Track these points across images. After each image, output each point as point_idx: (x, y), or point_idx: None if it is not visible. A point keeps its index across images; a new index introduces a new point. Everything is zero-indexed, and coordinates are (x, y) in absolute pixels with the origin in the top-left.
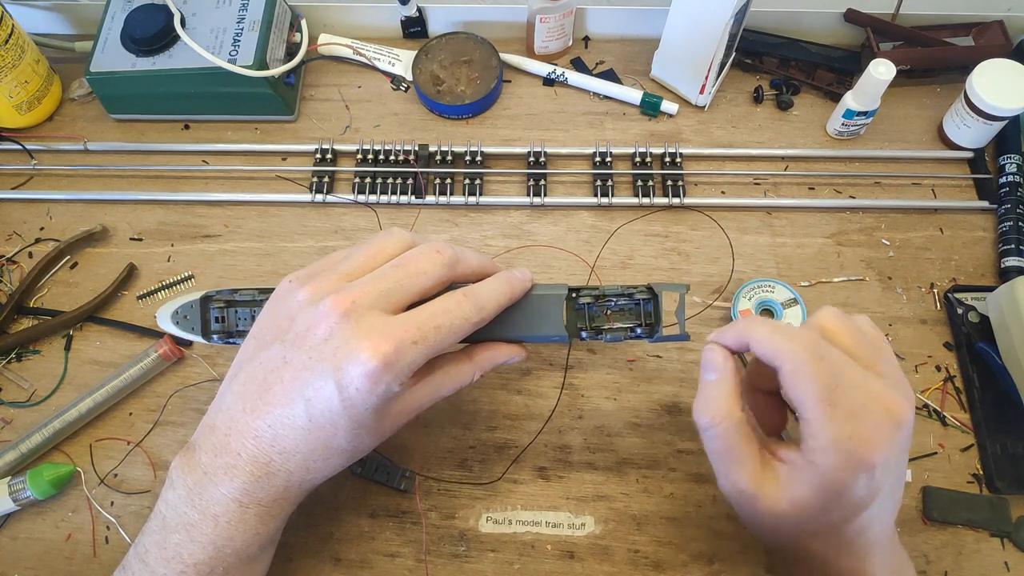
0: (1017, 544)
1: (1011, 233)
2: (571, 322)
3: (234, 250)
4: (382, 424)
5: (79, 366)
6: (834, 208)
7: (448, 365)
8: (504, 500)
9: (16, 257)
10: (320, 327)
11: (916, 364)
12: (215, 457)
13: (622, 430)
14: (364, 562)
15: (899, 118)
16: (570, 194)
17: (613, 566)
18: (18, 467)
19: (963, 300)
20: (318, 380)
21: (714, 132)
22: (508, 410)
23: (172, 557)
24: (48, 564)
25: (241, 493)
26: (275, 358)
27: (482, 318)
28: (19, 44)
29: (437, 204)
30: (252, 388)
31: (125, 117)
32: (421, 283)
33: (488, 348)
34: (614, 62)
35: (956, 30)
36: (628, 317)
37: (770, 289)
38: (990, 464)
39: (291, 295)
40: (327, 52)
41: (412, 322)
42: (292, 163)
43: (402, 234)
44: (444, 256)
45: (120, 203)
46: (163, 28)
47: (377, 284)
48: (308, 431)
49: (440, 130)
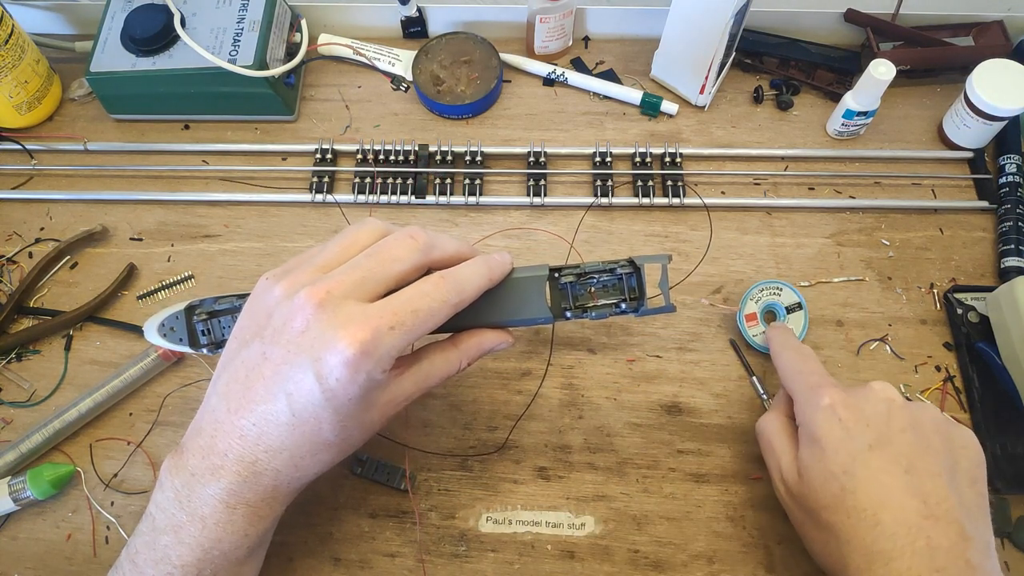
0: (1017, 544)
1: (1011, 233)
2: (555, 302)
3: (234, 250)
4: (369, 415)
5: (79, 366)
6: (834, 208)
7: (434, 354)
8: (504, 500)
9: (16, 257)
10: (296, 320)
11: (916, 364)
12: (202, 459)
13: (622, 430)
14: (364, 562)
15: (899, 118)
16: (570, 194)
17: (613, 566)
18: (18, 467)
19: (963, 300)
20: (298, 373)
21: (714, 132)
22: (508, 410)
23: (161, 559)
24: (48, 564)
25: (228, 494)
26: (255, 355)
27: (461, 300)
28: (19, 44)
29: (437, 204)
30: (235, 387)
31: (125, 117)
32: (396, 270)
33: (474, 335)
34: (614, 62)
35: (956, 30)
36: (612, 293)
37: (777, 292)
38: (990, 464)
39: (268, 292)
40: (327, 52)
41: (388, 308)
42: (292, 163)
43: (375, 223)
44: (418, 242)
45: (120, 203)
46: (163, 28)
47: (351, 274)
48: (292, 426)
49: (440, 130)
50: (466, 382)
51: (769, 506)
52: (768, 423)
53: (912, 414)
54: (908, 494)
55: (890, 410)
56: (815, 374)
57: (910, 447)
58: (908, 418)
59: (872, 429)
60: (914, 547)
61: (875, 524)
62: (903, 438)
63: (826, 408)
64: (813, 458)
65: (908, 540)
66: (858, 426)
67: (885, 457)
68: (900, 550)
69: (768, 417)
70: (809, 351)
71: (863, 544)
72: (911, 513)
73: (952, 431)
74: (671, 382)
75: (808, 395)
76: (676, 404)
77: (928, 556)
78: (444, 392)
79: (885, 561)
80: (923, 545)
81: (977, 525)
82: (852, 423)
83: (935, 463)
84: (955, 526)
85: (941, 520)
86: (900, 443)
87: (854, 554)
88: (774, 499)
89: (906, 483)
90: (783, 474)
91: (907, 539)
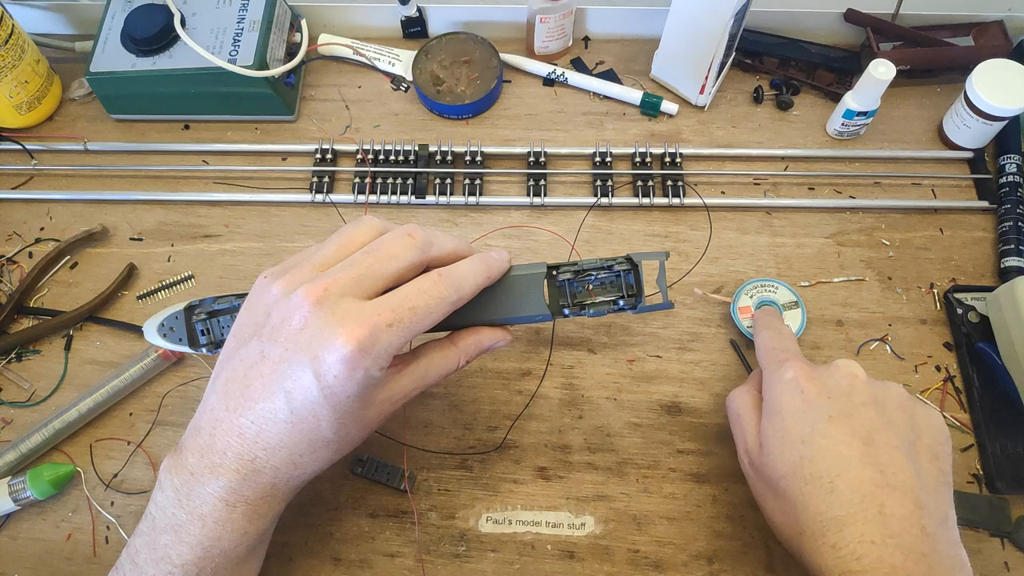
0: (1017, 544)
1: (1011, 233)
2: (553, 300)
3: (234, 250)
4: (367, 412)
5: (79, 366)
6: (834, 208)
7: (432, 352)
8: (504, 500)
9: (16, 257)
10: (294, 318)
11: (916, 364)
12: (201, 457)
13: (622, 430)
14: (364, 562)
15: (899, 118)
16: (570, 194)
17: (613, 566)
18: (18, 467)
19: (963, 300)
20: (296, 371)
21: (714, 132)
22: (508, 410)
23: (161, 558)
24: (48, 564)
25: (227, 492)
26: (253, 353)
27: (459, 297)
28: (19, 44)
29: (437, 204)
30: (234, 386)
31: (125, 117)
32: (394, 267)
33: (472, 333)
34: (614, 62)
35: (956, 30)
36: (610, 291)
37: (772, 290)
38: (990, 464)
39: (266, 290)
40: (327, 52)
41: (386, 305)
42: (292, 163)
43: (373, 221)
44: (416, 239)
45: (120, 203)
46: (163, 28)
47: (349, 271)
48: (291, 424)
49: (440, 130)
50: (466, 382)
51: None
52: (737, 396)
53: (875, 390)
54: (865, 464)
55: (852, 384)
56: (785, 351)
57: (870, 421)
58: (870, 393)
59: (833, 401)
60: (867, 514)
61: (831, 491)
62: (864, 412)
63: (790, 380)
64: (773, 427)
65: (862, 507)
66: (819, 398)
67: (844, 428)
68: (853, 516)
69: (738, 391)
70: (788, 331)
71: (818, 511)
72: (866, 482)
73: (916, 408)
74: (671, 382)
75: (774, 368)
76: (676, 404)
77: (881, 523)
78: (444, 392)
79: (839, 527)
80: (876, 512)
81: (933, 497)
82: (814, 395)
83: (894, 437)
84: (910, 495)
85: (896, 490)
86: (860, 416)
87: (810, 521)
88: None
89: (863, 453)
90: (747, 445)
91: (861, 506)
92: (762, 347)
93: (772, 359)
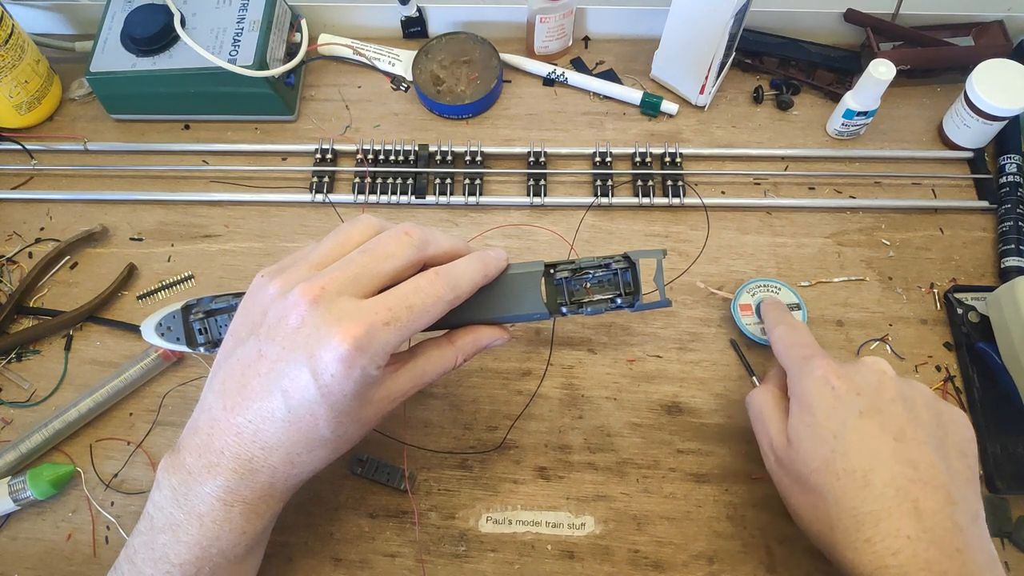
0: (1017, 544)
1: (1011, 233)
2: (551, 298)
3: (234, 250)
4: (364, 411)
5: (79, 366)
6: (834, 208)
7: (430, 350)
8: (504, 500)
9: (16, 257)
10: (291, 317)
11: (916, 364)
12: (199, 457)
13: (622, 430)
14: (364, 562)
15: (899, 118)
16: (570, 194)
17: (613, 566)
18: (18, 467)
19: (963, 300)
20: (293, 370)
21: (714, 132)
22: (508, 410)
23: (159, 558)
24: (48, 564)
25: (225, 491)
26: (251, 352)
27: (456, 296)
28: (19, 44)
29: (437, 204)
30: (231, 385)
31: (125, 117)
32: (391, 266)
33: (470, 332)
34: (614, 62)
35: (956, 30)
36: (608, 289)
37: (775, 290)
38: (990, 464)
39: (263, 289)
40: (327, 52)
41: (383, 304)
42: (292, 163)
43: (370, 220)
44: (413, 238)
45: (120, 203)
46: (163, 28)
47: (346, 270)
48: (288, 423)
49: (440, 130)
50: (466, 382)
51: (770, 506)
52: (758, 395)
53: (902, 388)
54: (897, 459)
55: (881, 381)
56: (808, 347)
57: (899, 417)
58: (898, 390)
59: (863, 397)
60: (901, 509)
61: (865, 485)
62: (893, 408)
63: (819, 377)
64: (804, 423)
65: (896, 502)
66: (849, 394)
67: (875, 424)
68: (888, 511)
69: (759, 390)
70: (803, 325)
71: (852, 505)
72: (900, 477)
73: (942, 407)
74: (671, 382)
75: (801, 365)
76: (676, 404)
77: (916, 518)
78: (444, 392)
79: (875, 522)
80: (911, 507)
81: (963, 493)
82: (844, 391)
83: (923, 433)
84: (942, 491)
85: (928, 485)
86: (890, 412)
87: (843, 515)
88: (775, 499)
89: (895, 449)
90: (772, 442)
91: (895, 500)
92: (781, 344)
93: (795, 355)
